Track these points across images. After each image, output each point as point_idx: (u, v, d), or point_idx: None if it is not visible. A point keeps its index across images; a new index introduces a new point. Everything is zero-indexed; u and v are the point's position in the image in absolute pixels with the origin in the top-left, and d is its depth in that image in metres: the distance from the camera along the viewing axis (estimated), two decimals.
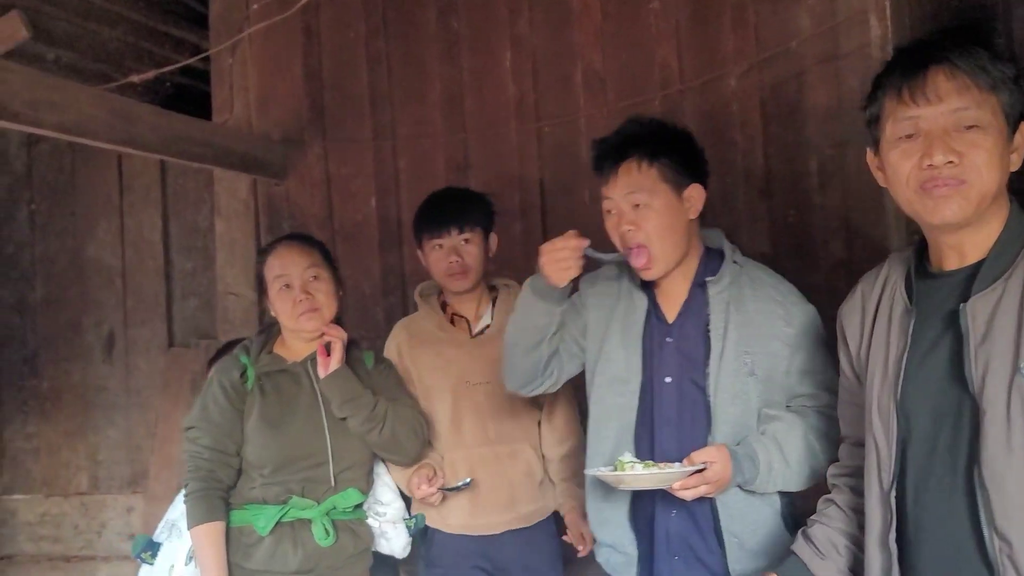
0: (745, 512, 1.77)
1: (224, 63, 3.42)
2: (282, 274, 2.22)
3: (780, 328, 1.77)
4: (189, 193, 3.62)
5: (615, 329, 1.88)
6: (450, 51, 3.32)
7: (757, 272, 1.86)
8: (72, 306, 3.67)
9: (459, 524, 2.30)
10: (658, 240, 1.77)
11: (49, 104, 2.16)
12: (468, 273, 2.32)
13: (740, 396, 1.75)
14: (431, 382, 2.34)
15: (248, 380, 2.20)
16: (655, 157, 1.78)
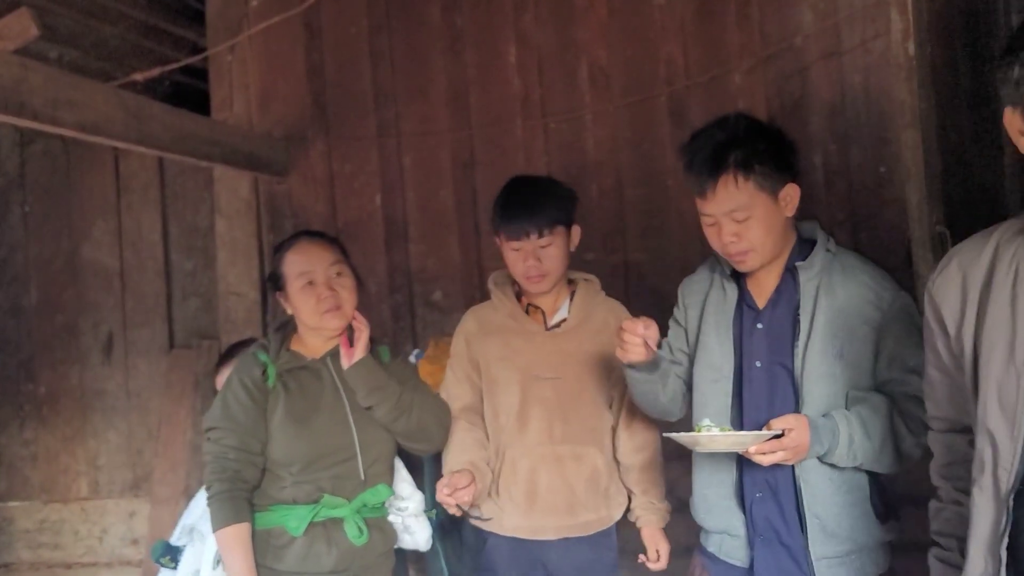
0: (830, 494, 1.77)
1: (223, 60, 3.38)
2: (306, 270, 2.17)
3: (870, 312, 1.78)
4: (188, 192, 3.57)
5: (708, 319, 1.96)
6: (454, 47, 3.31)
7: (850, 259, 1.88)
8: (68, 308, 3.60)
9: (513, 525, 2.18)
10: (760, 244, 1.81)
11: (68, 103, 2.12)
12: (547, 277, 2.17)
13: (827, 377, 1.77)
14: (497, 373, 2.21)
15: (269, 378, 2.17)
16: (751, 168, 1.77)
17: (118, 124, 2.32)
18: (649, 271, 3.17)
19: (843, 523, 1.77)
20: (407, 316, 3.30)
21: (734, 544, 1.91)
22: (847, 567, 1.79)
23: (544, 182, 2.31)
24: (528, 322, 2.24)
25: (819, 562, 1.77)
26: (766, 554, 1.84)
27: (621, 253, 3.20)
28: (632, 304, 3.17)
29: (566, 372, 2.16)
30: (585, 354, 2.19)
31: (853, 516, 1.77)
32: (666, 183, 3.16)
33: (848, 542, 1.78)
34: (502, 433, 2.20)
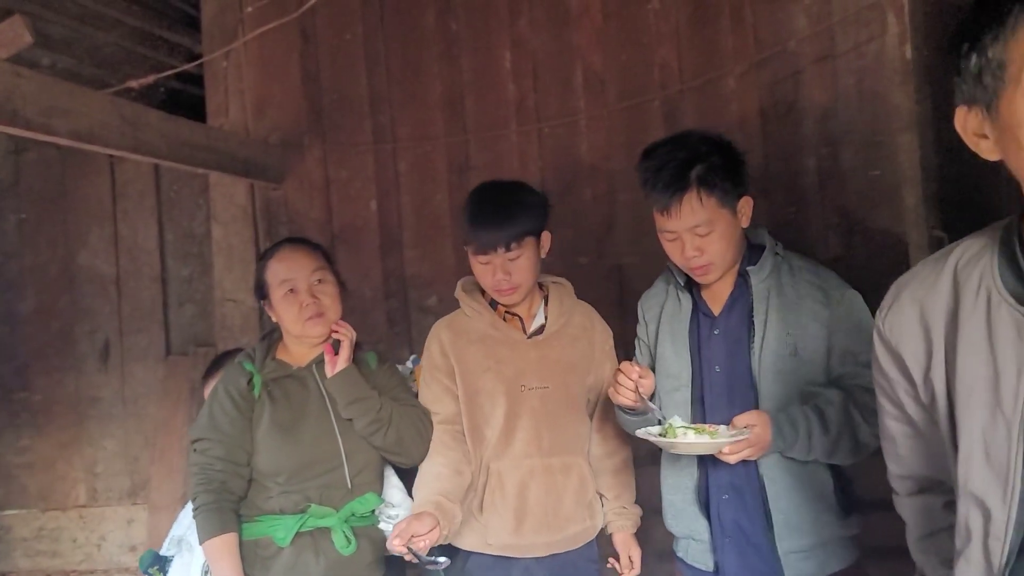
0: (794, 490, 1.81)
1: (219, 67, 3.38)
2: (287, 278, 2.17)
3: (818, 310, 1.82)
4: (184, 199, 3.57)
5: (664, 329, 2.01)
6: (449, 52, 3.32)
7: (797, 261, 1.93)
8: (64, 315, 3.60)
9: (501, 544, 2.08)
10: (720, 258, 1.86)
11: (62, 111, 2.12)
12: (518, 289, 2.09)
13: (782, 374, 1.81)
14: (481, 385, 2.10)
15: (255, 387, 2.16)
16: (713, 185, 1.80)
17: (113, 132, 2.31)
18: (641, 275, 3.16)
19: (806, 517, 1.81)
20: (402, 321, 3.30)
21: (699, 548, 1.94)
22: (812, 560, 1.82)
23: (512, 190, 2.15)
24: (509, 330, 2.15)
25: (786, 556, 1.81)
26: (734, 555, 1.87)
27: (614, 257, 3.20)
28: (625, 308, 3.19)
29: (552, 380, 2.11)
30: (567, 360, 2.15)
31: (816, 510, 1.81)
32: None
33: (812, 536, 1.81)
34: (485, 446, 2.10)
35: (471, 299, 2.18)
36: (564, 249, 3.24)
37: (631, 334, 3.15)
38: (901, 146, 2.10)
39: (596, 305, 3.19)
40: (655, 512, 3.17)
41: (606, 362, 2.21)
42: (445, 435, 2.10)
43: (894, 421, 1.18)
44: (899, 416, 1.17)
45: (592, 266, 3.22)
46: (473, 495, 2.09)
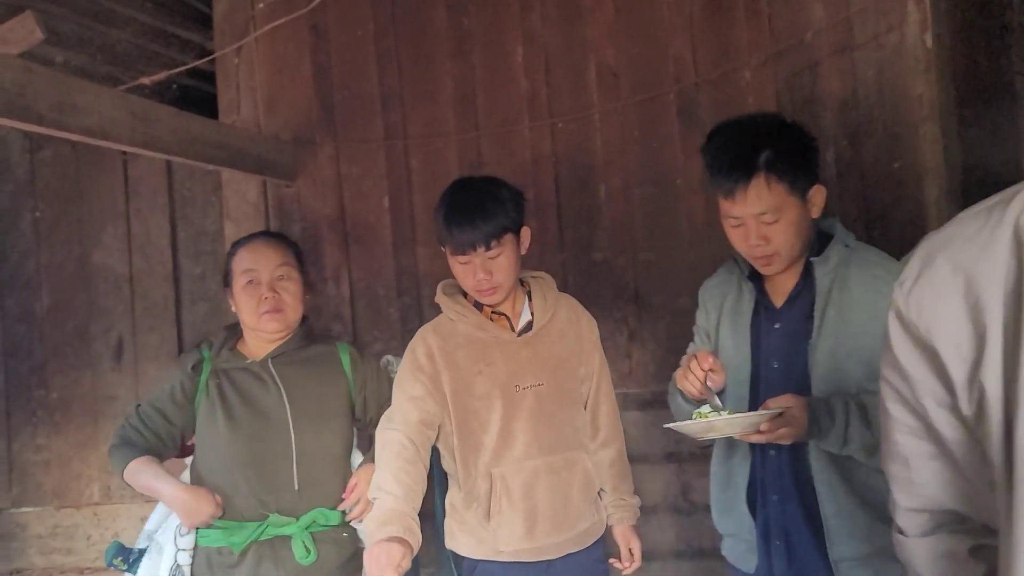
0: (846, 495, 1.73)
1: (230, 63, 3.37)
2: (250, 268, 2.18)
3: (883, 308, 1.72)
4: (196, 197, 3.57)
5: (725, 321, 1.93)
6: (461, 48, 3.29)
7: (868, 254, 1.82)
8: (80, 314, 3.61)
9: (513, 551, 2.01)
10: (787, 247, 1.76)
11: (73, 107, 2.11)
12: (500, 288, 2.02)
13: (836, 373, 1.72)
14: (474, 389, 2.04)
15: (203, 372, 2.18)
16: (783, 170, 1.71)
17: (124, 128, 2.30)
18: (658, 271, 3.14)
19: (860, 524, 1.72)
20: (415, 319, 3.28)
21: (743, 548, 1.89)
22: (866, 569, 1.73)
23: (487, 186, 2.05)
24: (498, 330, 2.07)
25: (838, 564, 1.73)
26: (782, 559, 1.80)
27: (630, 253, 3.17)
28: (641, 304, 3.16)
29: (545, 376, 2.06)
30: (558, 355, 2.10)
31: (871, 517, 1.71)
32: (675, 182, 3.13)
33: (866, 543, 1.71)
34: (483, 452, 2.03)
35: (454, 302, 2.11)
36: (580, 246, 3.22)
37: (648, 329, 3.15)
38: (923, 137, 2.05)
39: (613, 302, 3.19)
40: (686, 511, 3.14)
41: (595, 352, 2.18)
42: (419, 441, 1.99)
43: (911, 437, 0.87)
44: (919, 430, 0.86)
45: (607, 263, 3.20)
46: (476, 504, 2.03)
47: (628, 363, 3.16)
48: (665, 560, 3.06)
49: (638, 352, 3.16)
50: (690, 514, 3.05)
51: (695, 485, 3.06)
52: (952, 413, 0.81)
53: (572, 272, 3.20)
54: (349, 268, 3.33)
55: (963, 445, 0.82)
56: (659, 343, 3.13)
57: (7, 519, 3.61)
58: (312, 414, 2.19)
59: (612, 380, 3.15)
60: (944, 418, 0.83)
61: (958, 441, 0.82)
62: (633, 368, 3.15)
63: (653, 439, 3.11)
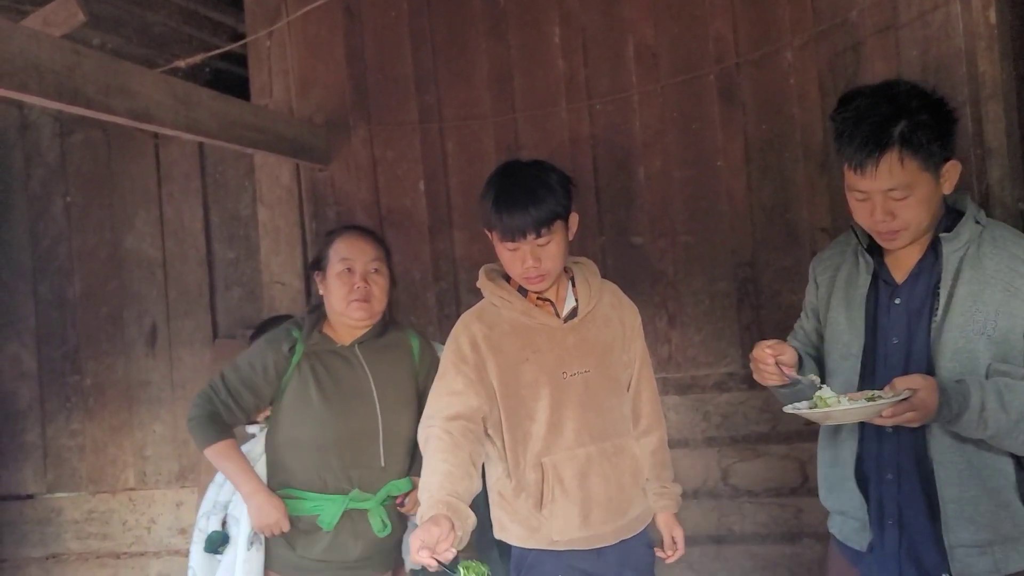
0: (967, 477, 1.65)
1: (262, 46, 3.34)
2: (348, 257, 2.31)
3: (1021, 286, 1.62)
4: (229, 181, 3.54)
5: (837, 294, 1.86)
6: (496, 28, 3.25)
7: (1001, 231, 1.72)
8: (113, 299, 3.59)
9: (567, 539, 1.98)
10: (915, 223, 1.68)
11: (120, 89, 2.09)
12: (547, 276, 1.98)
13: (963, 353, 1.64)
14: (522, 377, 1.99)
15: (296, 354, 2.29)
16: (917, 146, 1.61)
17: (167, 111, 2.29)
18: (697, 254, 3.11)
19: (982, 509, 1.64)
20: (452, 303, 3.26)
21: (853, 526, 1.82)
22: (987, 557, 1.65)
23: (538, 171, 1.99)
24: (545, 317, 2.03)
25: (955, 550, 1.66)
26: (895, 539, 1.74)
27: (670, 236, 3.14)
28: (681, 288, 3.13)
29: (592, 363, 2.01)
30: (604, 341, 2.06)
31: (994, 503, 1.64)
32: (715, 164, 3.09)
33: (987, 530, 1.64)
34: (532, 441, 1.99)
35: (498, 287, 2.05)
36: (618, 229, 3.19)
37: (688, 313, 3.12)
38: (987, 116, 2.01)
39: (652, 286, 3.16)
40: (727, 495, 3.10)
41: (637, 340, 2.14)
42: (457, 432, 1.91)
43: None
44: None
45: (646, 246, 3.16)
46: (525, 494, 1.99)
47: (668, 348, 3.13)
48: (705, 545, 3.05)
49: (677, 337, 3.13)
50: (731, 498, 3.03)
51: (735, 470, 3.05)
52: None
53: (611, 256, 3.18)
54: None
55: None
56: (699, 328, 3.10)
57: (42, 504, 3.62)
58: (392, 396, 2.33)
59: (652, 365, 3.15)
60: None
61: None
62: (672, 353, 3.13)
63: (693, 424, 3.09)
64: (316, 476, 2.26)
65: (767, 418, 2.98)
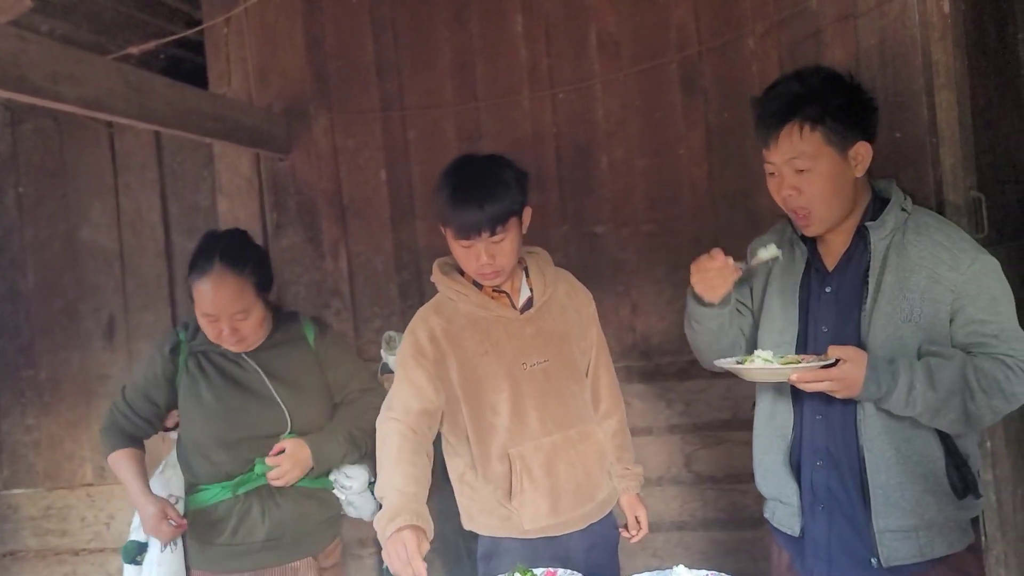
0: (895, 464, 1.69)
1: (220, 33, 3.28)
2: (210, 313, 2.17)
3: (944, 273, 1.68)
4: (187, 171, 3.47)
5: (774, 283, 1.90)
6: (459, 16, 3.22)
7: (926, 218, 1.78)
8: (68, 292, 3.51)
9: (538, 527, 2.00)
10: (820, 203, 1.74)
11: (69, 77, 2.03)
12: (502, 272, 1.98)
13: (892, 339, 1.68)
14: (481, 370, 2.00)
15: (181, 354, 2.28)
16: (819, 120, 1.69)
17: (120, 99, 2.23)
18: (660, 243, 3.12)
19: (909, 495, 1.69)
20: (415, 295, 3.24)
21: (786, 512, 1.86)
22: (912, 542, 1.70)
23: (493, 167, 1.96)
24: (501, 309, 2.02)
25: (882, 535, 1.71)
26: (824, 524, 1.78)
27: (632, 225, 3.14)
28: (644, 277, 3.14)
29: (551, 353, 2.03)
30: (561, 330, 2.08)
31: (921, 489, 1.69)
32: (678, 152, 3.10)
33: (914, 516, 1.69)
34: (497, 433, 1.99)
35: (452, 281, 2.04)
36: (581, 218, 3.19)
37: (650, 302, 3.13)
38: (940, 104, 2.03)
39: (615, 275, 3.17)
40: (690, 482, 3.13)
41: (592, 326, 2.16)
42: (420, 429, 1.93)
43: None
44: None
45: (609, 235, 3.17)
46: (493, 486, 2.00)
47: (631, 336, 3.14)
48: (669, 531, 3.08)
49: (641, 325, 3.14)
50: (693, 485, 3.06)
51: (697, 457, 3.07)
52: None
53: (573, 245, 3.18)
54: (347, 243, 3.27)
55: None
56: (662, 316, 3.12)
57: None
58: (292, 389, 2.28)
59: (615, 354, 3.15)
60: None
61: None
62: (636, 341, 3.14)
63: (656, 411, 3.11)
64: (221, 472, 2.23)
65: (729, 405, 3.01)
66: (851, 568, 1.74)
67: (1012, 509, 2.14)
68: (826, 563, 1.78)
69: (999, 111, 2.48)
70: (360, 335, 3.24)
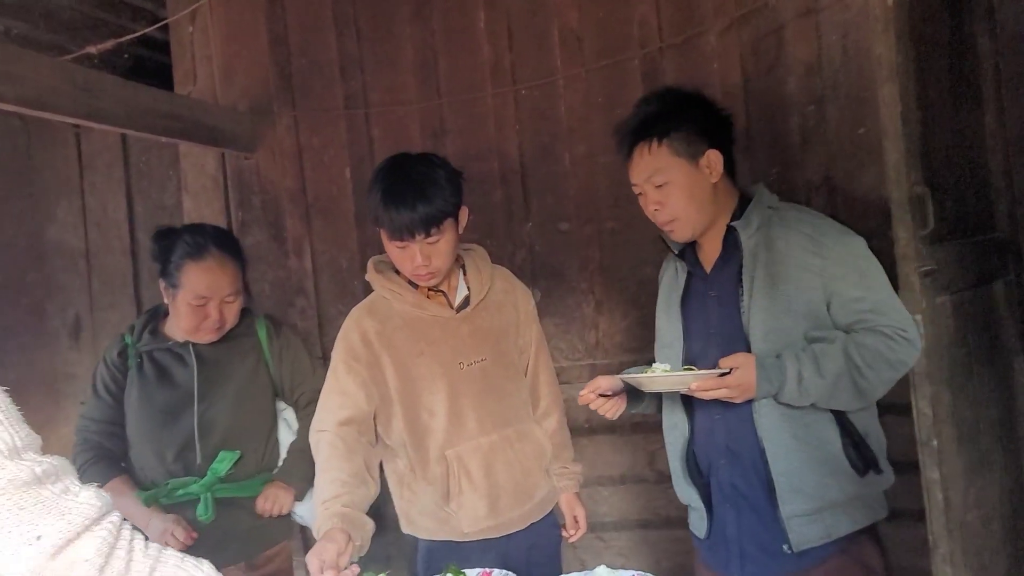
0: (793, 450, 1.73)
1: (184, 32, 3.27)
2: (204, 295, 2.20)
3: (810, 260, 1.74)
4: (153, 171, 3.47)
5: (661, 301, 2.00)
6: (421, 12, 3.21)
7: (791, 212, 1.85)
8: (34, 291, 3.52)
9: (478, 529, 1.98)
10: (684, 212, 1.83)
11: (8, 76, 2.02)
12: (437, 273, 1.96)
13: (773, 332, 1.74)
14: (416, 371, 1.97)
15: (128, 358, 2.28)
16: (663, 135, 1.80)
17: (66, 98, 2.22)
18: (624, 240, 3.11)
19: (809, 479, 1.73)
20: None
21: (694, 516, 1.91)
22: (818, 524, 1.74)
23: (426, 167, 1.93)
24: (436, 308, 2.00)
25: (790, 520, 1.74)
26: (734, 521, 1.82)
27: (596, 222, 3.13)
28: (607, 274, 3.13)
29: (488, 351, 2.02)
30: (498, 328, 2.07)
31: (820, 472, 1.73)
32: None
33: (816, 498, 1.73)
34: (434, 435, 1.97)
35: (387, 280, 2.01)
36: (544, 215, 3.17)
37: (614, 299, 3.12)
38: (882, 99, 2.01)
39: (579, 272, 3.15)
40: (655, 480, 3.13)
41: (532, 324, 2.16)
42: (349, 437, 1.89)
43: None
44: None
45: (573, 232, 3.16)
46: (432, 489, 1.99)
47: (595, 334, 3.13)
48: (633, 530, 3.06)
49: (605, 322, 3.13)
50: (656, 483, 3.05)
51: (661, 455, 3.04)
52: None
53: (538, 242, 3.17)
54: (311, 241, 3.27)
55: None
56: (625, 313, 3.11)
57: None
58: (224, 390, 2.27)
59: (578, 352, 3.14)
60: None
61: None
62: (600, 339, 3.13)
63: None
64: (144, 474, 2.25)
65: None
66: (763, 559, 1.78)
67: (963, 508, 2.12)
68: (739, 558, 1.81)
69: (954, 106, 2.45)
70: (324, 333, 3.23)
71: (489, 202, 3.15)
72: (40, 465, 0.90)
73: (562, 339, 3.13)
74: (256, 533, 2.30)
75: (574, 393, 2.66)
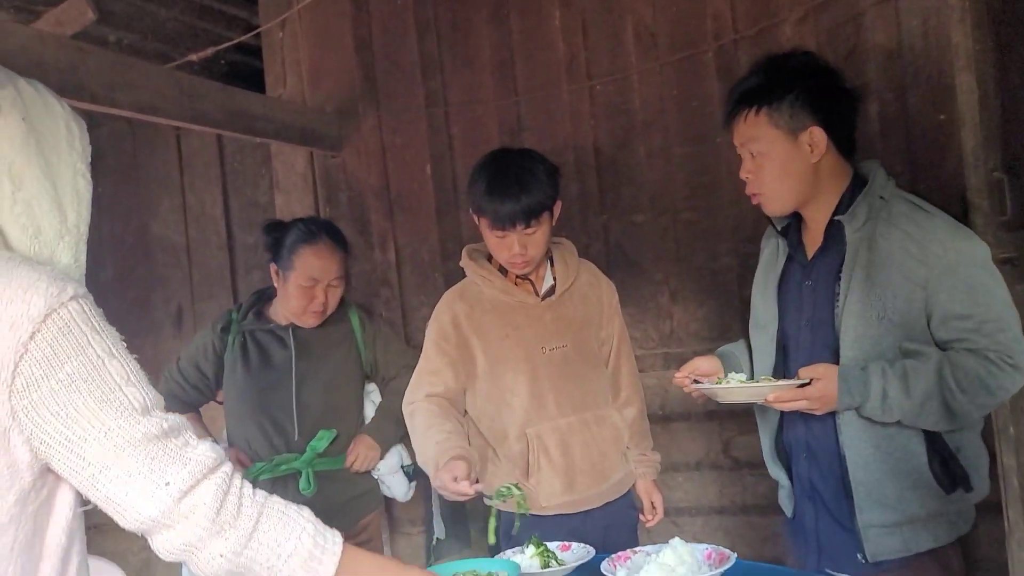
0: (875, 460, 1.66)
1: (275, 38, 3.45)
2: (315, 277, 2.42)
3: (912, 268, 1.62)
4: (247, 169, 3.68)
5: (759, 277, 1.95)
6: (498, 13, 3.31)
7: (901, 206, 1.70)
8: (140, 283, 3.77)
9: (555, 504, 2.08)
10: (770, 187, 1.77)
11: (124, 84, 2.21)
12: (532, 262, 2.08)
13: (864, 339, 1.65)
14: (502, 353, 2.09)
15: (231, 333, 2.49)
16: (764, 104, 1.72)
17: (173, 104, 2.40)
18: (700, 231, 3.14)
19: (890, 491, 1.66)
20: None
21: (782, 494, 1.91)
22: (896, 537, 1.67)
23: (527, 162, 2.06)
24: (523, 294, 2.12)
25: (867, 530, 1.68)
26: (812, 514, 1.79)
27: (671, 213, 3.17)
28: (683, 264, 3.17)
29: (569, 338, 2.11)
30: (581, 317, 2.16)
31: (903, 485, 1.65)
32: (715, 140, 3.10)
33: (896, 512, 1.66)
34: (516, 414, 2.08)
35: (479, 267, 2.16)
36: (620, 207, 3.23)
37: (689, 289, 3.16)
38: (960, 87, 2.01)
39: (655, 263, 3.20)
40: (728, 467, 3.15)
41: (615, 317, 2.25)
42: (443, 404, 2.05)
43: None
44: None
45: (649, 224, 3.20)
46: (512, 465, 2.10)
47: (670, 323, 3.18)
48: (708, 516, 3.10)
49: (680, 312, 3.17)
50: (731, 470, 3.08)
51: (736, 442, 3.08)
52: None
53: (614, 234, 3.23)
54: (395, 235, 3.41)
55: None
56: (700, 303, 3.14)
57: None
58: (319, 373, 2.46)
59: (653, 341, 3.19)
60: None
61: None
62: (675, 328, 3.17)
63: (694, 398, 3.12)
64: (247, 445, 2.44)
65: None
66: (840, 560, 1.73)
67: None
68: (816, 553, 1.79)
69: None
70: (408, 322, 3.37)
71: (565, 195, 3.18)
72: (166, 421, 1.05)
73: (636, 328, 3.18)
74: (352, 504, 2.47)
75: (648, 382, 2.75)
